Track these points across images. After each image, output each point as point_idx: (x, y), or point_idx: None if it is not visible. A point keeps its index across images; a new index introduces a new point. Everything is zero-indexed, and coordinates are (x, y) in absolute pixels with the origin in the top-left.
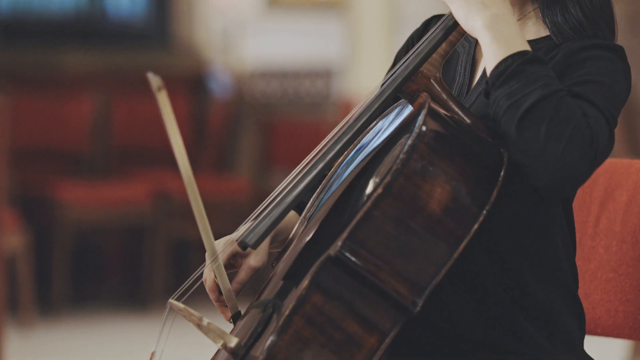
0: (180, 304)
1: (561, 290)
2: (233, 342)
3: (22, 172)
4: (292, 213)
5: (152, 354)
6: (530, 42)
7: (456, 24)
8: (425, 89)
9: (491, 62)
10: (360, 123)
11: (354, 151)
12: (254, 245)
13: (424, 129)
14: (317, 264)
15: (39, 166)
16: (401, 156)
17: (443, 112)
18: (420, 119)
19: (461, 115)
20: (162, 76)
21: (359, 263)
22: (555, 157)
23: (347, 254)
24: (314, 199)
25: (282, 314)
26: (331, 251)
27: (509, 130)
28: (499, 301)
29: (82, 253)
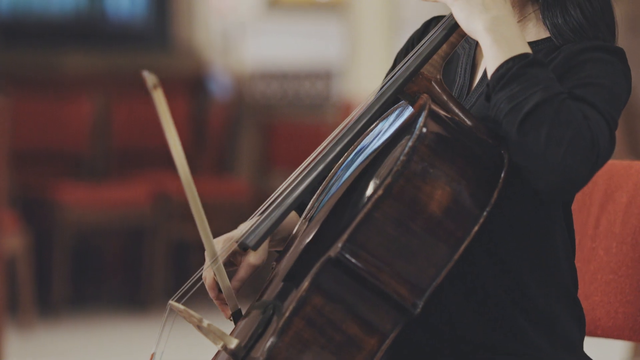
0: (180, 305)
1: (561, 292)
2: (233, 343)
3: (22, 173)
4: (292, 212)
5: (152, 356)
6: (530, 43)
7: (457, 25)
8: (425, 91)
9: (492, 64)
10: (360, 124)
11: (354, 152)
12: (254, 247)
13: (425, 130)
14: (317, 265)
15: (39, 167)
16: (402, 158)
17: (443, 113)
18: (420, 120)
19: (461, 116)
20: (162, 77)
21: (359, 264)
22: (556, 160)
23: (348, 255)
24: (314, 200)
25: (282, 315)
26: (331, 253)
27: (510, 133)
28: (500, 303)
29: (82, 254)
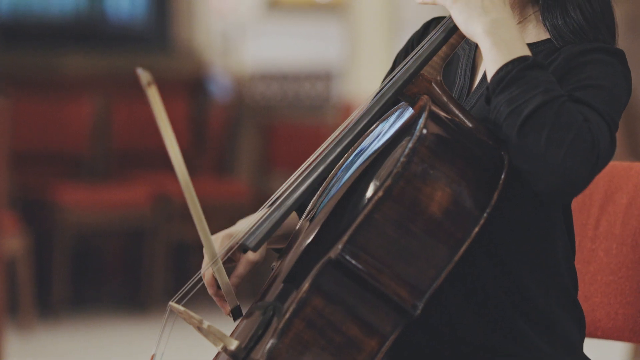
0: (181, 307)
1: (560, 295)
2: (233, 344)
3: (22, 174)
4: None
5: (152, 357)
6: (530, 45)
7: (457, 26)
8: (425, 92)
9: (491, 67)
10: (360, 126)
11: (354, 154)
12: (254, 248)
13: (425, 132)
14: (317, 267)
15: (39, 169)
16: (402, 159)
17: (444, 115)
18: (421, 121)
19: (462, 118)
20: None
21: (360, 266)
22: (557, 162)
23: (348, 257)
24: (314, 201)
25: (282, 316)
26: (332, 254)
27: (510, 136)
28: (500, 305)
29: (82, 256)
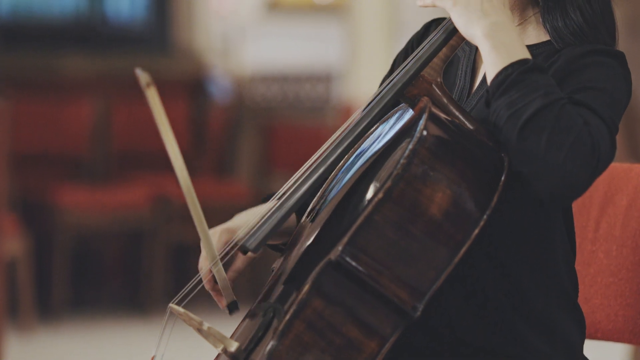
0: (181, 309)
1: (560, 297)
2: (233, 346)
3: (22, 176)
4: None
5: (153, 359)
6: (530, 46)
7: (457, 28)
8: (426, 93)
9: (491, 70)
10: (360, 127)
11: (354, 155)
12: (254, 250)
13: (425, 133)
14: (317, 268)
15: (38, 170)
16: (402, 161)
17: (444, 116)
18: (421, 123)
19: (462, 119)
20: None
21: (360, 268)
22: (557, 165)
23: (348, 258)
24: (314, 203)
25: (282, 318)
26: (332, 256)
27: (510, 140)
28: (499, 306)
29: (82, 257)
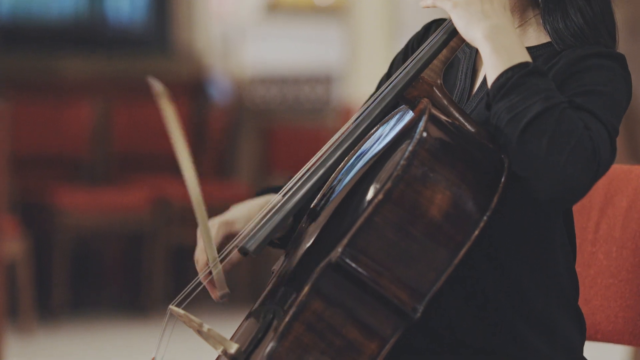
0: (181, 310)
1: (560, 299)
2: (233, 348)
3: (22, 178)
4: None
5: None
6: (530, 48)
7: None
8: (426, 95)
9: (492, 73)
10: (360, 129)
11: (354, 157)
12: (254, 252)
13: (425, 135)
14: (317, 270)
15: (38, 172)
16: (402, 162)
17: (444, 118)
18: (421, 125)
19: (462, 121)
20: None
21: (360, 269)
22: (557, 169)
23: (348, 260)
24: (315, 204)
25: (282, 320)
26: (332, 257)
27: (510, 143)
28: (500, 308)
29: (81, 259)
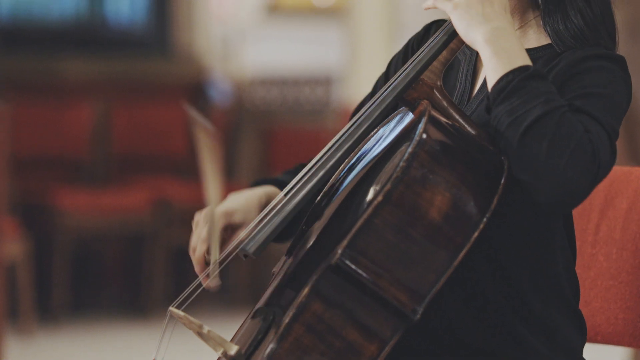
0: (181, 312)
1: (560, 300)
2: (233, 349)
3: (22, 179)
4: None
5: None
6: (531, 50)
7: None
8: (426, 97)
9: (492, 77)
10: (361, 131)
11: (354, 159)
12: (255, 253)
13: (425, 136)
14: (317, 271)
15: (39, 174)
16: (401, 164)
17: (444, 119)
18: (420, 126)
19: (462, 123)
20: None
21: (359, 271)
22: (557, 173)
23: (347, 261)
24: (314, 206)
25: (282, 321)
26: (331, 259)
27: (510, 147)
28: (499, 309)
29: (82, 260)
